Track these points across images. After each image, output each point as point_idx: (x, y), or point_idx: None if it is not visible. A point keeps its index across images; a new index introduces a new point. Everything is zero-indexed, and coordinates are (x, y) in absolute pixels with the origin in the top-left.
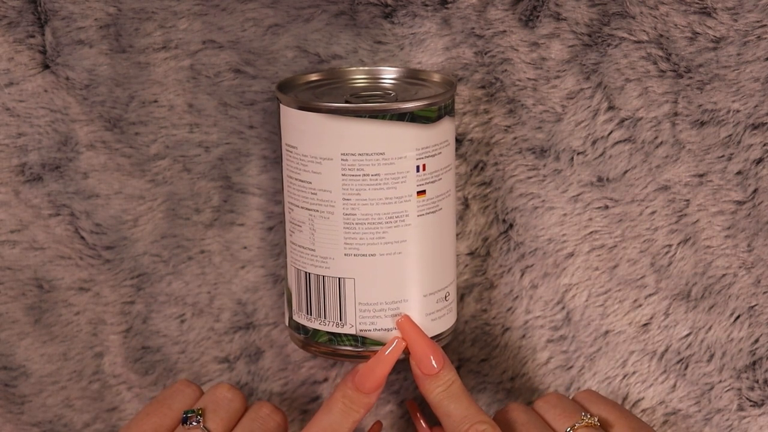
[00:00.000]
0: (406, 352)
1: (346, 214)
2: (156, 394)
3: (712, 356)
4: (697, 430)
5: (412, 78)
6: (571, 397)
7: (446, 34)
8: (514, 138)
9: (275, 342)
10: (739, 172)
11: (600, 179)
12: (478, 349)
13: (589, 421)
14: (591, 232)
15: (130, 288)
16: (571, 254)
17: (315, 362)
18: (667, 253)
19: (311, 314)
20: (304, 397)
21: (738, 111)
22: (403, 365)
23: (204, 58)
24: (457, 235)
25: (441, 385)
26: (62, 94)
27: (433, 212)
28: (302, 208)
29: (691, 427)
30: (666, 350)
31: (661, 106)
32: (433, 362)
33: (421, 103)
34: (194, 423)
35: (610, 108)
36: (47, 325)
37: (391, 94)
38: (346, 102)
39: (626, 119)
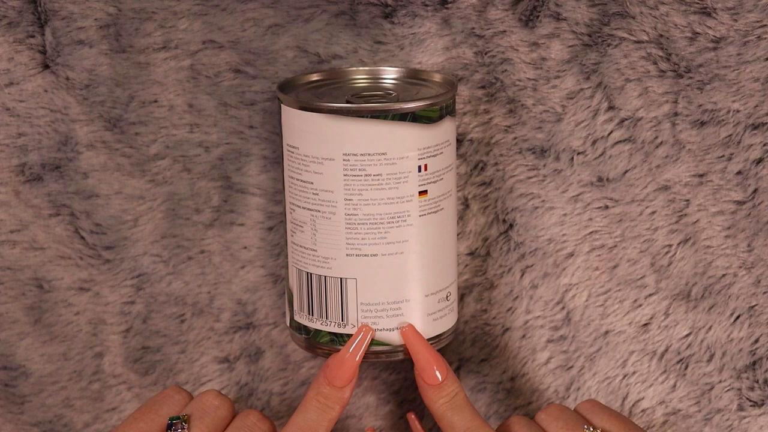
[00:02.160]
0: (406, 354)
1: (348, 215)
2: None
3: (712, 356)
4: (697, 430)
5: (413, 78)
6: (573, 408)
7: (446, 34)
8: (514, 138)
9: (275, 342)
10: (739, 172)
11: (600, 179)
12: (478, 349)
13: None
14: (591, 232)
15: (130, 288)
16: (571, 254)
17: (315, 362)
18: (667, 253)
19: (313, 315)
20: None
21: (738, 111)
22: (403, 365)
23: (204, 58)
24: (457, 235)
25: (444, 396)
26: (62, 94)
27: (434, 212)
28: (304, 208)
29: (691, 427)
30: (666, 350)
31: (661, 106)
32: (437, 373)
33: (423, 103)
34: (179, 430)
35: (610, 108)
36: (47, 325)
37: (392, 94)
38: (348, 102)
39: (626, 119)
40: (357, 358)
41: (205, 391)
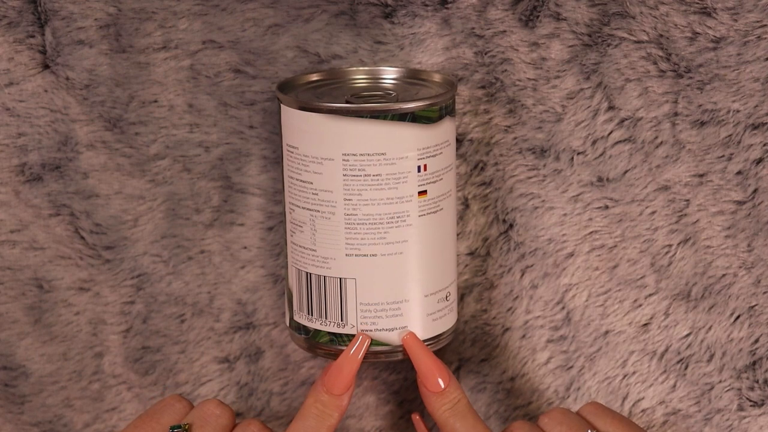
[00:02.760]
0: (405, 354)
1: (348, 215)
2: (155, 394)
3: (712, 356)
4: (697, 430)
5: (413, 78)
6: (576, 411)
7: (446, 34)
8: (514, 138)
9: (275, 342)
10: (739, 172)
11: (600, 179)
12: (478, 349)
13: None
14: (591, 232)
15: (130, 288)
16: (571, 254)
17: (315, 362)
18: (667, 253)
19: (312, 314)
20: (304, 398)
21: (738, 111)
22: (403, 365)
23: (204, 58)
24: (457, 235)
25: (447, 403)
26: (62, 94)
27: (434, 212)
28: (303, 208)
29: (691, 427)
30: (666, 350)
31: (661, 106)
32: (440, 380)
33: (423, 104)
34: None
35: (610, 108)
36: (47, 325)
37: (391, 94)
38: (347, 102)
39: (626, 119)
40: (354, 366)
41: (206, 400)
